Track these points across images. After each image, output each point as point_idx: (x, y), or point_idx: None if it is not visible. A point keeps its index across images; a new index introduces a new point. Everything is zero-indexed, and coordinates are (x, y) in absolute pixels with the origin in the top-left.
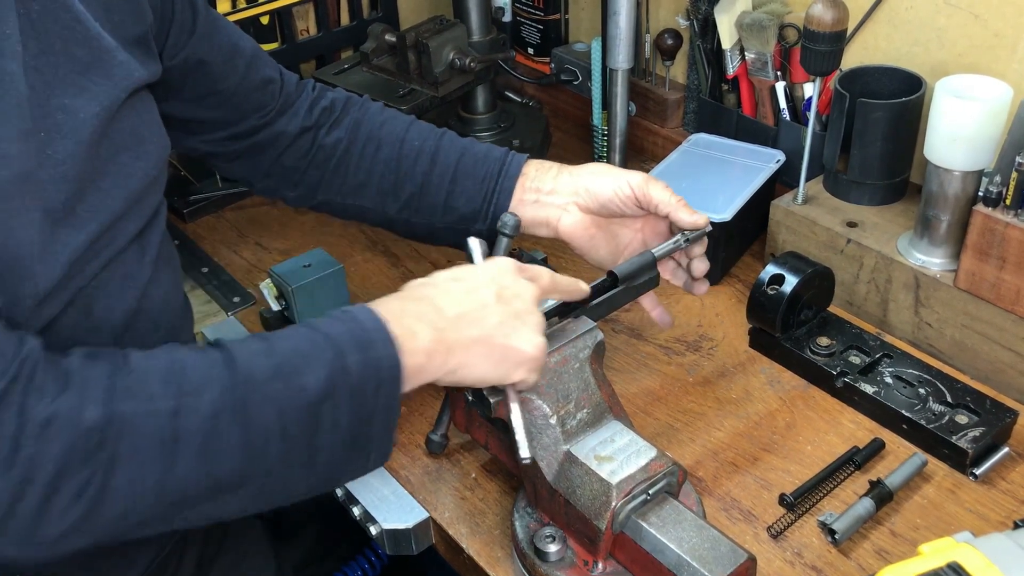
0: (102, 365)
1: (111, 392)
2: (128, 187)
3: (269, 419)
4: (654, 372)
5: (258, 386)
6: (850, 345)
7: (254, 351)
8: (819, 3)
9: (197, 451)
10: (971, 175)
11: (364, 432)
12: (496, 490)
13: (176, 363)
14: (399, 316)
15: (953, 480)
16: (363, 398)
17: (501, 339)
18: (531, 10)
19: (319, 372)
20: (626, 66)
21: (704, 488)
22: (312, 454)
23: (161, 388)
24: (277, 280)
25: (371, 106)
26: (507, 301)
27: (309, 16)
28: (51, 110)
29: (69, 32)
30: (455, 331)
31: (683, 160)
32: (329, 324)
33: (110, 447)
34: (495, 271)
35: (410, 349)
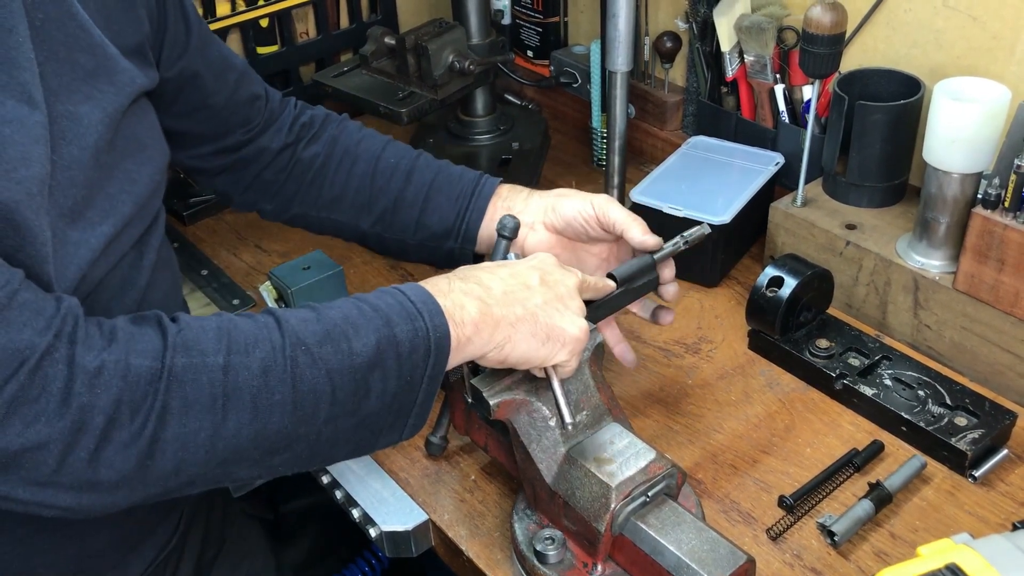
0: (150, 322)
1: (162, 346)
2: (135, 192)
3: (319, 381)
4: (653, 374)
5: (309, 348)
6: (849, 347)
7: (303, 317)
8: (818, 5)
9: (248, 407)
10: (970, 177)
11: (408, 400)
12: (495, 492)
13: (227, 323)
14: (447, 291)
15: (952, 482)
16: (412, 366)
17: (546, 318)
18: (530, 13)
19: (368, 338)
20: (625, 69)
21: (703, 490)
22: (360, 419)
23: (213, 344)
24: (276, 282)
25: (349, 124)
26: (551, 285)
27: (308, 19)
28: (57, 116)
29: (74, 40)
30: (502, 307)
31: (682, 163)
32: (377, 296)
33: (161, 398)
34: (538, 260)
35: (459, 320)
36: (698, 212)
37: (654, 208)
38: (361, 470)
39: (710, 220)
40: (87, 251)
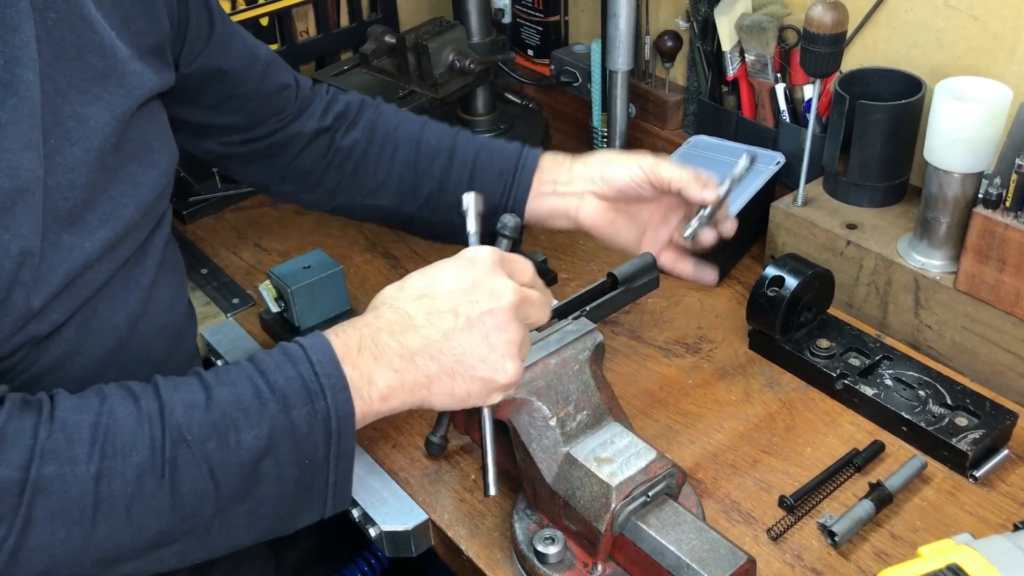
0: (29, 420)
1: (32, 453)
2: (138, 196)
3: (200, 479)
4: (654, 374)
5: (190, 445)
6: (850, 347)
7: (191, 404)
8: (819, 5)
9: (121, 514)
10: (971, 177)
11: (316, 480)
12: None
13: (106, 419)
14: (357, 353)
15: (953, 482)
16: (312, 449)
17: (467, 371)
18: (531, 12)
19: (261, 428)
20: (626, 68)
21: (704, 490)
22: (254, 506)
23: (86, 449)
24: (276, 281)
25: (385, 107)
26: (477, 324)
27: (309, 17)
28: (63, 117)
29: (85, 40)
30: (416, 369)
31: (683, 162)
32: (279, 368)
33: (24, 510)
34: (472, 278)
35: (366, 396)
36: None
37: None
38: (361, 470)
39: None
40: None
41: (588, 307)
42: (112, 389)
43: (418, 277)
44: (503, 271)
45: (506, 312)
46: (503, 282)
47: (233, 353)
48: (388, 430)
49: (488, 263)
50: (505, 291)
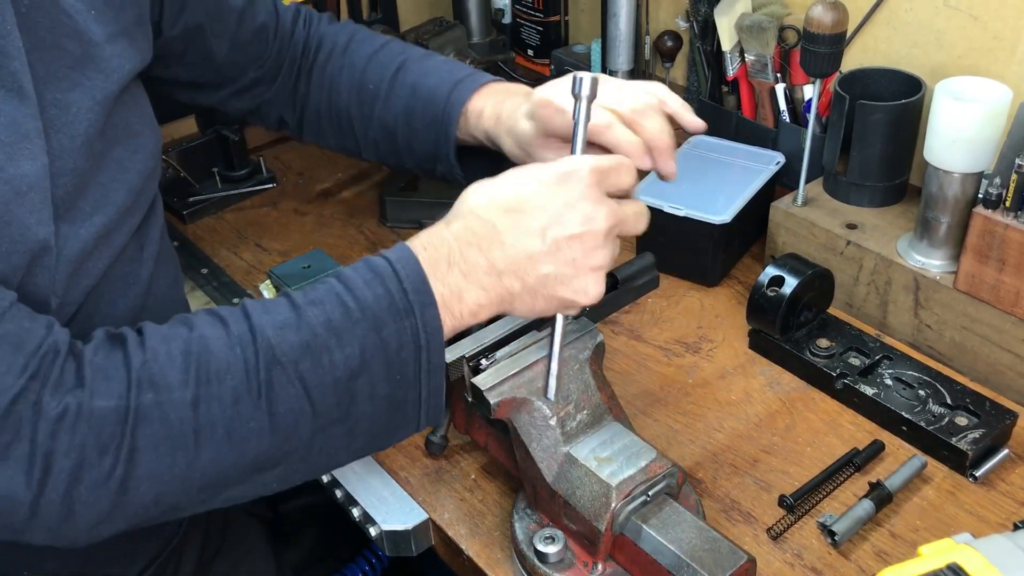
0: (119, 352)
1: (127, 383)
2: (127, 181)
3: (297, 399)
4: (654, 374)
5: (284, 367)
6: (850, 347)
7: (281, 323)
8: (819, 5)
9: (221, 438)
10: (971, 177)
11: (408, 397)
12: (496, 491)
13: (196, 345)
14: (447, 269)
15: (953, 482)
16: (403, 366)
17: (549, 291)
18: (531, 12)
19: (352, 347)
20: (626, 68)
21: (704, 490)
22: (351, 425)
23: (180, 376)
24: (277, 281)
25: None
26: (564, 248)
27: None
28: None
29: (59, 26)
30: (502, 287)
31: (683, 162)
32: (367, 285)
33: (129, 439)
34: (565, 198)
35: (455, 312)
36: (698, 211)
37: (655, 207)
38: (361, 469)
39: (710, 219)
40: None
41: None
42: (200, 316)
43: (512, 183)
44: (600, 190)
45: (596, 238)
46: (597, 207)
47: None
48: None
49: (585, 182)
50: (598, 216)
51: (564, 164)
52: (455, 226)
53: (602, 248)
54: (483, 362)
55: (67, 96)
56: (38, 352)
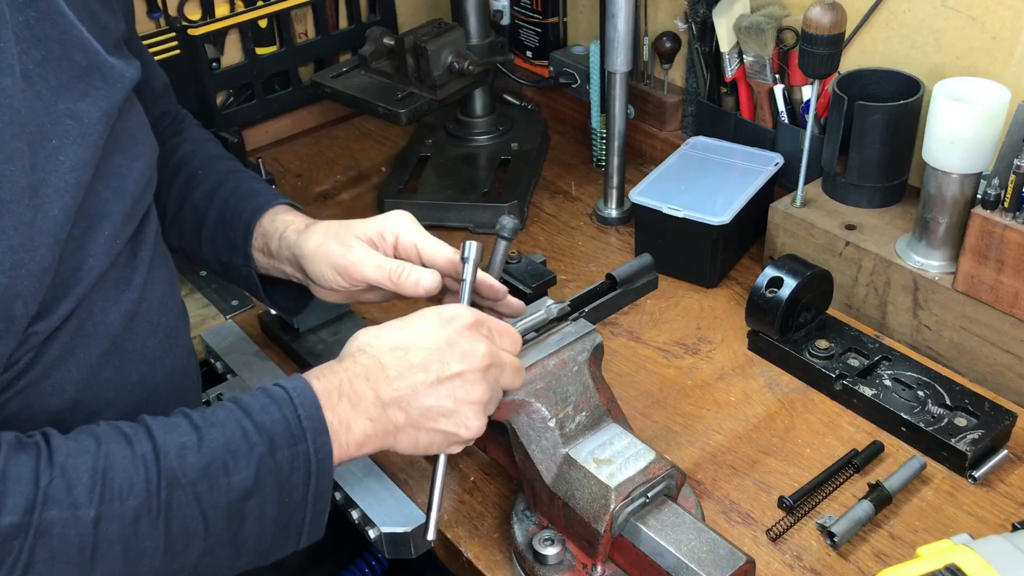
0: (28, 463)
1: (34, 498)
2: (124, 189)
3: (192, 520)
4: (653, 375)
5: (184, 488)
6: (849, 348)
7: (183, 446)
8: (817, 6)
9: (117, 556)
10: (969, 178)
11: (294, 519)
12: (495, 493)
13: (102, 462)
14: (337, 400)
15: (952, 483)
16: (292, 489)
17: (432, 424)
18: (529, 13)
19: (248, 470)
20: (624, 69)
21: (703, 491)
22: (238, 544)
23: (85, 493)
24: None
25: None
26: (446, 383)
27: (307, 19)
28: (59, 116)
29: (66, 37)
30: (387, 419)
31: (682, 163)
32: (264, 409)
33: (26, 554)
34: (446, 337)
35: (343, 442)
36: (697, 212)
37: (654, 208)
38: (360, 471)
39: (709, 220)
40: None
41: (587, 308)
42: (105, 431)
43: (396, 328)
44: (479, 333)
45: (475, 373)
46: (476, 345)
47: (232, 355)
48: None
49: (464, 324)
50: (477, 354)
51: (448, 309)
52: (346, 363)
53: (481, 383)
54: None
55: (78, 106)
56: None
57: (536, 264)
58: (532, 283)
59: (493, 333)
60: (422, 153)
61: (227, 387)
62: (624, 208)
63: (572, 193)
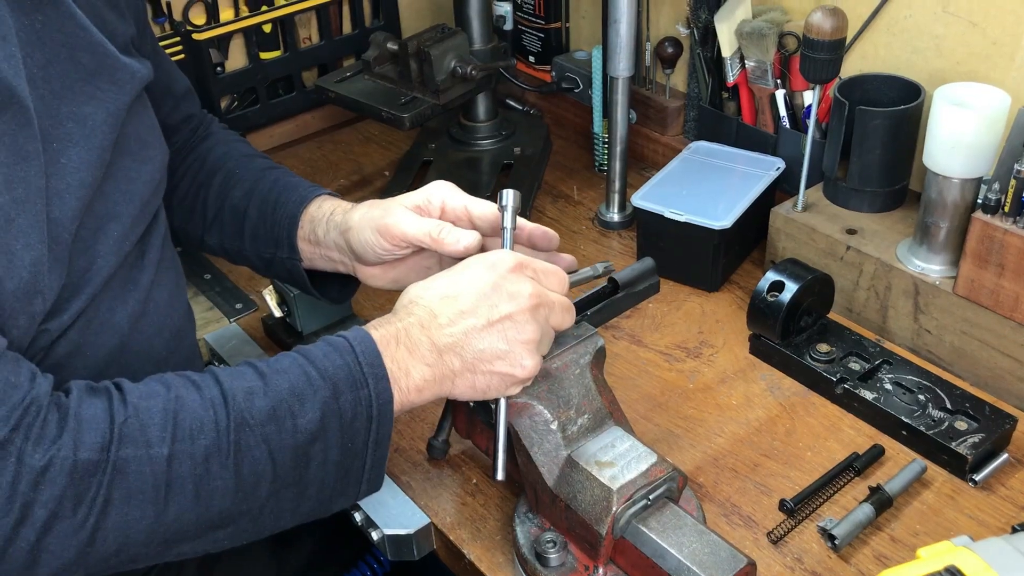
0: (100, 404)
1: (108, 436)
2: (132, 192)
3: (261, 461)
4: (654, 378)
5: (252, 429)
6: (850, 351)
7: (250, 389)
8: (818, 12)
9: (190, 494)
10: (970, 182)
11: (355, 465)
12: (497, 495)
13: (174, 403)
14: (395, 347)
15: (953, 486)
16: (354, 434)
17: (487, 367)
18: (532, 18)
19: (313, 413)
20: (627, 74)
21: (704, 494)
22: (302, 488)
23: (158, 432)
24: (279, 287)
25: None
26: (496, 325)
27: (311, 24)
28: (62, 119)
29: (74, 40)
30: (444, 364)
31: (683, 167)
32: (326, 356)
33: (104, 490)
34: (492, 281)
35: (403, 387)
36: (699, 217)
37: (656, 212)
38: None
39: (711, 224)
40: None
41: (589, 311)
42: (173, 378)
43: (444, 278)
44: (524, 274)
45: (524, 314)
46: (522, 285)
47: (236, 358)
48: None
49: (507, 267)
50: (523, 294)
51: (492, 255)
52: (400, 314)
53: (531, 323)
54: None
55: (83, 109)
56: (21, 404)
57: None
58: None
59: (538, 274)
60: (425, 157)
61: None
62: (626, 212)
63: (574, 197)
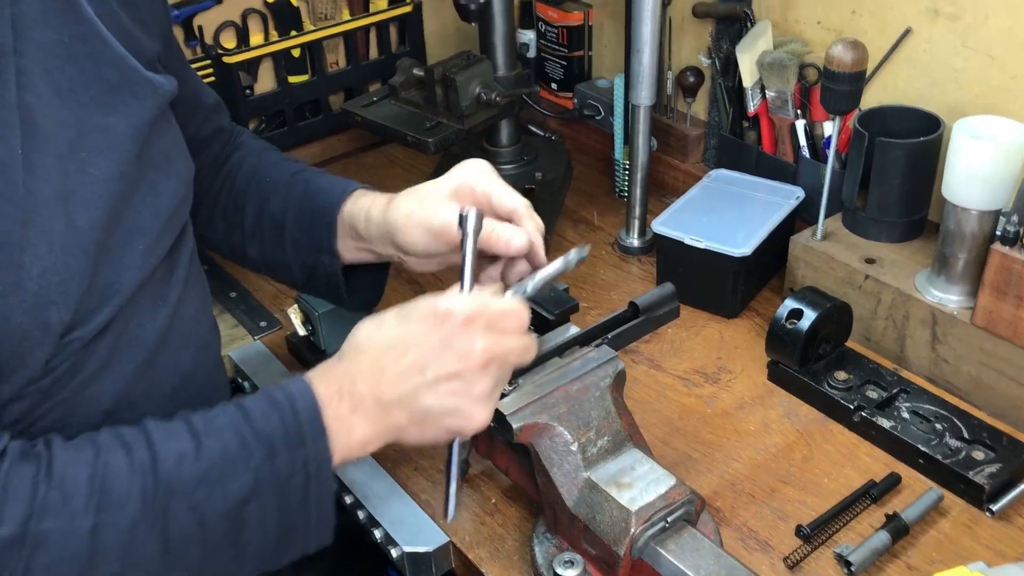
0: (28, 473)
1: (31, 508)
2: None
3: (190, 526)
4: (673, 402)
5: (181, 496)
6: (867, 380)
7: (182, 455)
8: (839, 44)
9: (115, 564)
10: (988, 214)
11: (297, 521)
12: (516, 515)
13: (100, 470)
14: (338, 403)
15: (969, 515)
16: (291, 493)
17: (436, 421)
18: (555, 46)
19: (245, 477)
20: (648, 103)
21: (722, 518)
22: (240, 548)
23: (82, 503)
24: (304, 306)
25: (254, 147)
26: (444, 383)
27: (339, 50)
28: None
29: (100, 54)
30: (389, 419)
31: (704, 195)
32: (265, 416)
33: (24, 564)
34: (441, 337)
35: (344, 444)
36: (719, 244)
37: (676, 239)
38: (383, 491)
39: (730, 251)
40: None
41: (609, 335)
42: (106, 439)
43: (393, 323)
44: (475, 329)
45: (473, 371)
46: (474, 342)
47: (260, 375)
48: (410, 453)
49: (458, 323)
50: (474, 352)
51: (444, 303)
52: (346, 362)
53: (483, 379)
54: (506, 387)
55: (107, 120)
56: None
57: (559, 291)
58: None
59: (494, 320)
60: None
61: None
62: (646, 238)
63: (595, 222)
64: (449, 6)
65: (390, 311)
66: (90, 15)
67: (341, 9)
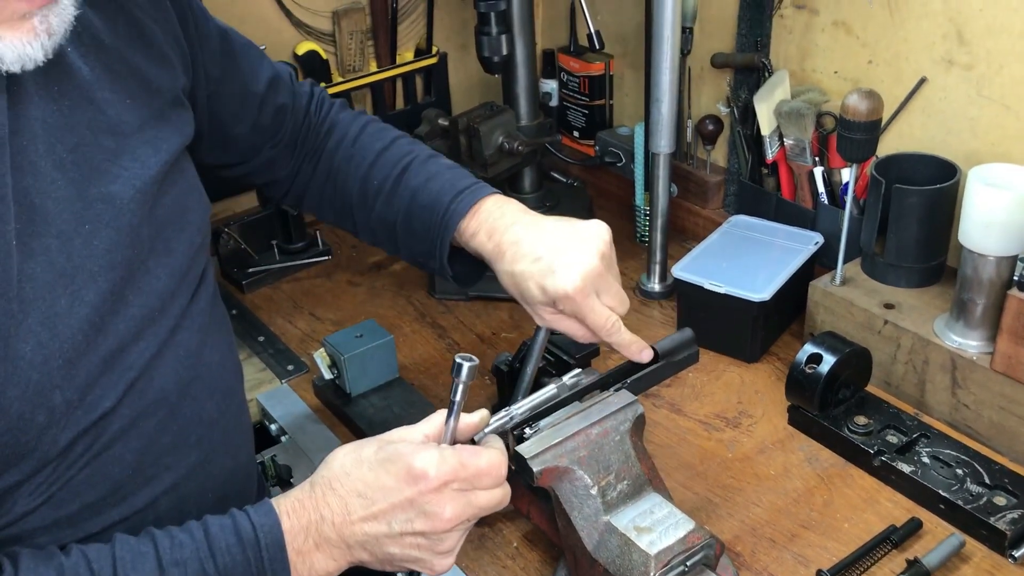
0: None
1: None
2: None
3: None
4: (693, 447)
5: None
6: (888, 424)
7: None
8: (854, 94)
9: None
10: (1005, 260)
11: None
12: (537, 560)
13: None
14: (303, 539)
15: (992, 562)
16: None
17: (399, 564)
18: (577, 95)
19: None
20: (668, 151)
21: (742, 563)
22: None
23: None
24: (330, 349)
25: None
26: (410, 538)
27: (367, 100)
28: (92, 200)
29: (96, 123)
30: (354, 557)
31: (723, 241)
32: (229, 550)
33: None
34: (409, 496)
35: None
36: (739, 289)
37: (696, 284)
38: None
39: (750, 296)
40: (115, 336)
41: (629, 379)
42: (71, 565)
43: (368, 467)
44: (446, 495)
45: (437, 533)
46: (441, 508)
47: (286, 418)
48: None
49: (430, 488)
50: (440, 517)
51: (420, 461)
52: (316, 496)
53: (448, 538)
54: (526, 431)
55: (110, 188)
56: None
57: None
58: (576, 353)
59: (470, 481)
60: None
61: (280, 449)
62: (666, 283)
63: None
64: (474, 58)
65: (370, 444)
66: (84, 79)
67: (368, 61)
